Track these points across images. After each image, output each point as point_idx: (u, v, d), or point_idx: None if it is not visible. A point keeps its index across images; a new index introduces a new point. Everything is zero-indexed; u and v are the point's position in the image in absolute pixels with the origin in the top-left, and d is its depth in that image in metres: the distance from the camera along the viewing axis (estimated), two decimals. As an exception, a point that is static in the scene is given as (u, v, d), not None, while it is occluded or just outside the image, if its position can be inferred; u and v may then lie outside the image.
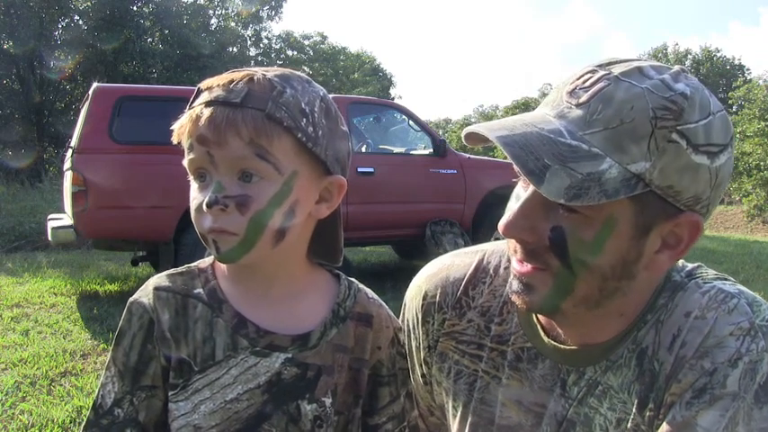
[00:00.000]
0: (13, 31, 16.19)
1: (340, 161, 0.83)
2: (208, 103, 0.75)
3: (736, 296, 0.78)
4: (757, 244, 10.65)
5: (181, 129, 0.77)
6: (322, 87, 0.83)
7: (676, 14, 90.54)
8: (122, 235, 4.90)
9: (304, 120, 0.77)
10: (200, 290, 0.84)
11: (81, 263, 6.88)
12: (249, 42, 24.67)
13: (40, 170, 13.88)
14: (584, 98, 0.72)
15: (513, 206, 0.78)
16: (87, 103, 4.96)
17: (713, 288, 0.80)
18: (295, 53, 29.21)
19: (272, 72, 0.79)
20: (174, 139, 0.79)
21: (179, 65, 18.77)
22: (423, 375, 1.01)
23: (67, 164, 5.00)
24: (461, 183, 6.02)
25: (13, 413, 2.76)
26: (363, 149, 6.31)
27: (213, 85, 0.77)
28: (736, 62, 35.19)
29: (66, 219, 5.23)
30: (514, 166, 0.70)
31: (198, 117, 0.75)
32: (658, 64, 0.75)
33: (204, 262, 0.88)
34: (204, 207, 0.75)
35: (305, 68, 27.63)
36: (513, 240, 0.79)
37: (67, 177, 4.92)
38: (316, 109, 0.79)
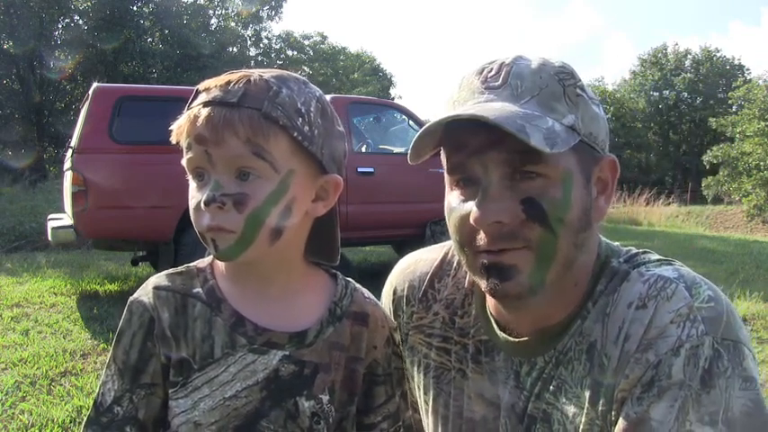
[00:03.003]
0: (13, 31, 16.19)
1: (336, 160, 0.85)
2: (205, 104, 0.77)
3: (675, 281, 0.79)
4: (757, 244, 10.64)
5: (179, 129, 0.79)
6: (318, 88, 0.85)
7: (676, 14, 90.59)
8: (122, 235, 4.90)
9: (300, 119, 0.78)
10: (199, 289, 0.85)
11: (81, 263, 6.88)
12: (249, 42, 24.67)
13: (40, 170, 13.88)
14: (500, 81, 0.80)
15: (466, 204, 0.80)
16: (87, 103, 4.96)
17: (653, 276, 0.81)
18: (295, 53, 29.21)
19: (268, 73, 0.80)
20: (173, 139, 0.80)
21: (179, 65, 18.78)
22: None
23: (67, 164, 5.00)
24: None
25: (13, 413, 2.76)
26: (363, 149, 6.31)
27: (211, 87, 0.79)
28: (736, 62, 35.19)
29: (66, 219, 5.23)
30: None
31: (196, 117, 0.76)
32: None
33: (203, 262, 0.89)
34: (202, 205, 0.77)
35: (305, 68, 27.64)
36: (480, 235, 0.80)
37: (67, 177, 4.92)
38: (311, 109, 0.80)
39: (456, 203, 0.83)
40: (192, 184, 0.80)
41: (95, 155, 4.75)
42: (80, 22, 18.59)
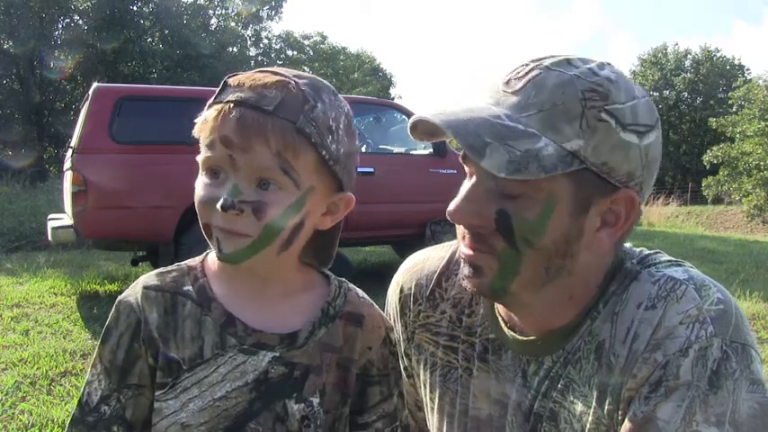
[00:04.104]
0: (13, 31, 16.20)
1: (352, 178, 0.84)
2: (237, 103, 0.74)
3: (685, 282, 0.79)
4: (757, 244, 10.65)
5: (204, 124, 0.76)
6: (344, 101, 0.83)
7: (681, 14, 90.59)
8: (122, 235, 4.89)
9: (330, 137, 0.77)
10: (190, 287, 0.83)
11: (81, 263, 6.88)
12: (249, 42, 24.69)
13: (40, 170, 13.89)
14: (518, 86, 0.77)
15: (459, 193, 0.82)
16: (87, 103, 4.96)
17: (663, 276, 0.81)
18: (295, 53, 29.21)
19: (303, 80, 0.78)
20: (195, 133, 0.77)
21: (179, 65, 18.79)
22: (405, 369, 1.03)
23: (67, 164, 5.00)
24: (461, 182, 5.97)
25: (13, 413, 2.76)
26: (363, 149, 6.31)
27: (244, 84, 0.75)
28: (736, 62, 35.19)
29: (66, 219, 5.23)
30: (458, 145, 0.75)
31: (225, 115, 0.73)
32: (586, 57, 0.80)
33: (194, 260, 0.88)
34: (218, 207, 0.74)
35: (305, 68, 27.64)
36: (461, 226, 0.82)
37: (67, 177, 4.92)
38: (341, 126, 0.79)
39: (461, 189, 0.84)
40: (204, 178, 0.78)
41: (95, 155, 4.74)
42: (80, 22, 18.61)
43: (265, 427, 0.81)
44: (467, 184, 0.81)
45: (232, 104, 0.74)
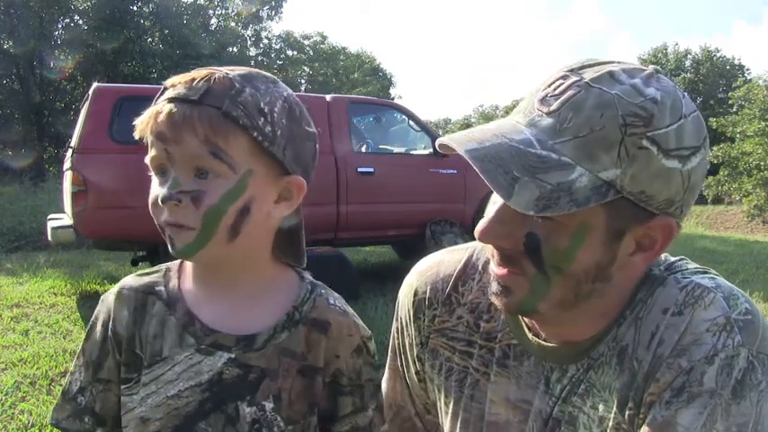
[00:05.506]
0: (13, 31, 16.20)
1: (301, 162, 0.83)
2: (169, 100, 0.77)
3: (713, 290, 0.79)
4: (757, 244, 10.64)
5: (142, 125, 0.79)
6: (288, 88, 0.83)
7: (681, 14, 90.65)
8: (122, 235, 4.89)
9: (261, 119, 0.77)
10: (162, 288, 0.86)
11: (81, 263, 6.88)
12: (249, 42, 24.69)
13: (40, 170, 13.89)
14: (554, 106, 0.72)
15: (489, 211, 0.80)
16: (87, 103, 4.97)
17: (690, 283, 0.80)
18: (295, 53, 29.19)
19: (235, 71, 0.80)
20: (137, 135, 0.80)
21: (179, 65, 18.75)
22: (417, 373, 1.02)
23: (67, 164, 5.00)
24: (461, 182, 6.00)
25: (13, 413, 2.76)
26: (363, 149, 6.31)
27: (176, 83, 0.79)
28: (736, 62, 35.20)
29: (66, 219, 5.24)
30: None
31: (158, 113, 0.77)
32: (632, 66, 0.74)
33: (177, 262, 0.89)
34: (159, 201, 0.77)
35: (305, 68, 27.67)
36: (490, 246, 0.81)
37: (67, 177, 4.92)
38: (276, 109, 0.79)
39: (490, 204, 0.81)
40: (155, 180, 0.80)
41: (95, 155, 4.75)
42: (80, 22, 18.61)
43: (215, 429, 0.80)
44: (496, 204, 0.79)
45: (165, 102, 0.77)
